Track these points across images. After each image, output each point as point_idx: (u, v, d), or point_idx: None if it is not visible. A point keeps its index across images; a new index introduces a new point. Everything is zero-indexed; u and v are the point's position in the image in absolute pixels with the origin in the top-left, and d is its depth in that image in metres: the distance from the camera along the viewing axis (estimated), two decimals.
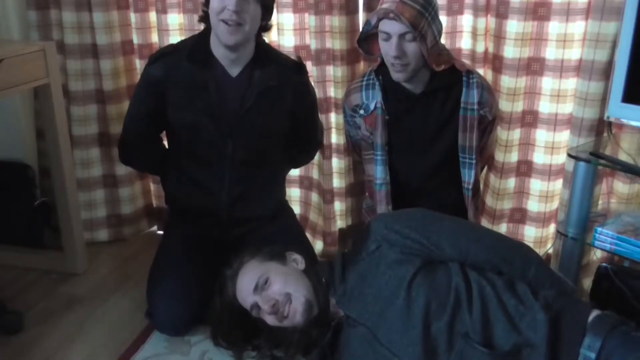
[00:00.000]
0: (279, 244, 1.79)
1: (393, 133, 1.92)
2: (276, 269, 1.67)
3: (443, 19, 2.11)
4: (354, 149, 2.12)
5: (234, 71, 1.88)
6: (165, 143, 2.12)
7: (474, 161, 1.91)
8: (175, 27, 2.30)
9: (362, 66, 2.22)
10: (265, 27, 1.87)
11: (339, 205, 2.37)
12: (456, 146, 1.91)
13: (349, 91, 1.99)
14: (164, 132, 2.06)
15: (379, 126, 1.91)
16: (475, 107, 1.87)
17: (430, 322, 1.43)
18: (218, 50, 1.85)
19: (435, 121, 1.91)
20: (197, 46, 1.88)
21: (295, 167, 2.28)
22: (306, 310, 1.60)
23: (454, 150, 1.92)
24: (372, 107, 1.91)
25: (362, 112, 1.94)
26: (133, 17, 2.33)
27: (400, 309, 1.46)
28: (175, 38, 2.30)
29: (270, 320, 1.62)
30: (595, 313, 1.41)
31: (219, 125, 1.88)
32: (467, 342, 1.39)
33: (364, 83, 1.94)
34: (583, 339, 1.35)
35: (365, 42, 1.89)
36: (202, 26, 1.90)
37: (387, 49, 1.78)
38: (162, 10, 2.26)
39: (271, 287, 1.62)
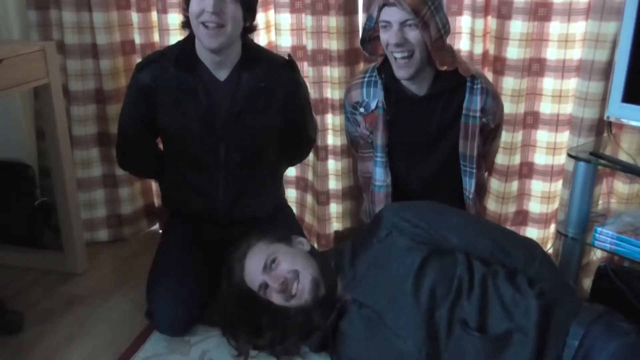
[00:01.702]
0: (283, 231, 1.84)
1: (393, 134, 1.89)
2: (284, 249, 1.71)
3: None
4: (352, 145, 2.09)
5: (222, 75, 1.87)
6: (161, 147, 2.11)
7: (474, 170, 1.86)
8: (176, 27, 2.29)
9: (360, 67, 2.21)
10: (250, 28, 1.85)
11: (335, 208, 2.36)
12: (458, 152, 1.87)
13: (350, 87, 1.95)
14: (159, 137, 2.05)
15: (380, 126, 1.87)
16: (478, 114, 1.81)
17: (435, 308, 1.48)
18: (203, 54, 1.84)
19: (437, 125, 1.86)
20: (182, 52, 1.86)
21: (291, 165, 2.28)
22: (314, 289, 1.63)
23: (456, 155, 1.88)
24: (372, 106, 1.87)
25: (362, 110, 1.90)
26: (135, 17, 2.34)
27: (408, 294, 1.50)
28: (176, 38, 2.29)
29: (278, 299, 1.65)
30: (583, 305, 1.45)
31: (210, 129, 1.88)
32: (464, 329, 1.44)
33: (366, 80, 1.90)
34: (569, 328, 1.38)
35: (368, 43, 1.87)
36: None
37: (387, 38, 1.73)
38: (163, 10, 2.26)
39: (280, 266, 1.66)
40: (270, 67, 1.91)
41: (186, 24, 1.83)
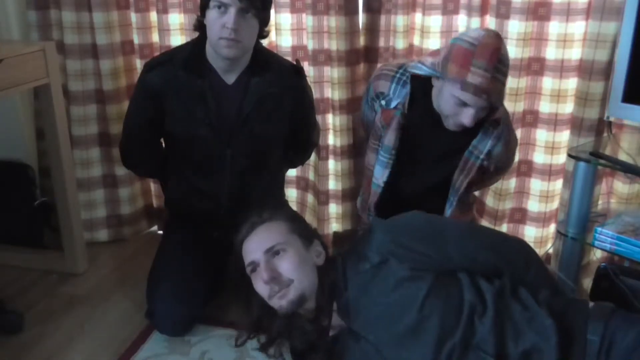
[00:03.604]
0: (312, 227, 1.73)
1: (405, 140, 1.85)
2: (298, 249, 1.56)
3: (438, 18, 2.10)
4: (363, 126, 2.05)
5: (230, 79, 1.87)
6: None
7: (454, 203, 1.85)
8: (176, 27, 2.30)
9: (361, 67, 2.22)
10: (262, 35, 1.86)
11: (334, 208, 2.36)
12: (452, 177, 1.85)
13: (380, 75, 1.87)
14: (163, 138, 2.05)
15: (392, 127, 1.84)
16: (482, 156, 1.79)
17: (445, 339, 1.39)
18: (214, 58, 1.85)
19: (447, 147, 1.84)
20: (192, 54, 1.86)
21: (292, 167, 2.28)
22: (295, 302, 1.52)
23: (449, 180, 1.86)
24: (393, 104, 1.83)
25: (383, 102, 1.86)
26: (134, 17, 2.34)
27: (409, 326, 1.41)
28: (176, 38, 2.30)
29: (260, 287, 1.54)
30: (592, 303, 1.44)
31: (217, 134, 1.88)
32: (479, 356, 1.37)
33: (397, 76, 1.83)
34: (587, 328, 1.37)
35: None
36: None
37: (462, 117, 1.67)
38: (163, 10, 2.26)
39: (281, 261, 1.53)
40: (279, 73, 1.91)
41: (197, 28, 1.84)
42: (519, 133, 2.12)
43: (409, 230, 1.54)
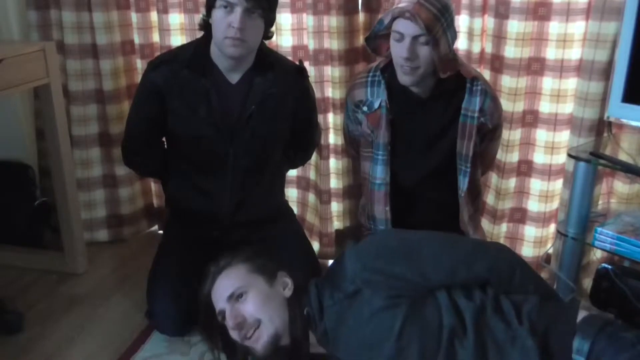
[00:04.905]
0: (277, 256, 1.71)
1: (395, 133, 1.90)
2: (259, 287, 1.54)
3: None
4: (351, 143, 2.09)
5: (234, 78, 1.88)
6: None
7: (468, 169, 1.87)
8: (177, 27, 2.30)
9: (360, 67, 2.21)
10: (266, 35, 1.86)
11: (336, 206, 2.36)
12: (455, 152, 1.88)
13: (354, 85, 1.95)
14: (165, 137, 2.05)
15: (382, 125, 1.88)
16: (476, 114, 1.83)
17: None
18: (218, 58, 1.85)
19: (437, 125, 1.88)
20: (196, 54, 1.87)
21: (293, 167, 2.28)
22: (270, 343, 1.49)
23: (453, 155, 1.89)
24: (376, 105, 1.88)
25: (365, 108, 1.91)
26: (134, 17, 2.34)
27: (389, 356, 1.39)
28: (176, 38, 2.30)
29: (232, 333, 1.53)
30: (581, 315, 1.40)
31: (220, 133, 1.88)
32: None
33: (369, 79, 1.90)
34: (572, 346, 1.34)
35: (373, 40, 1.85)
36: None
37: (399, 50, 1.74)
38: (163, 10, 2.26)
39: (245, 304, 1.51)
40: (282, 73, 1.91)
41: (203, 27, 1.84)
42: (519, 133, 2.12)
43: (383, 253, 1.48)
